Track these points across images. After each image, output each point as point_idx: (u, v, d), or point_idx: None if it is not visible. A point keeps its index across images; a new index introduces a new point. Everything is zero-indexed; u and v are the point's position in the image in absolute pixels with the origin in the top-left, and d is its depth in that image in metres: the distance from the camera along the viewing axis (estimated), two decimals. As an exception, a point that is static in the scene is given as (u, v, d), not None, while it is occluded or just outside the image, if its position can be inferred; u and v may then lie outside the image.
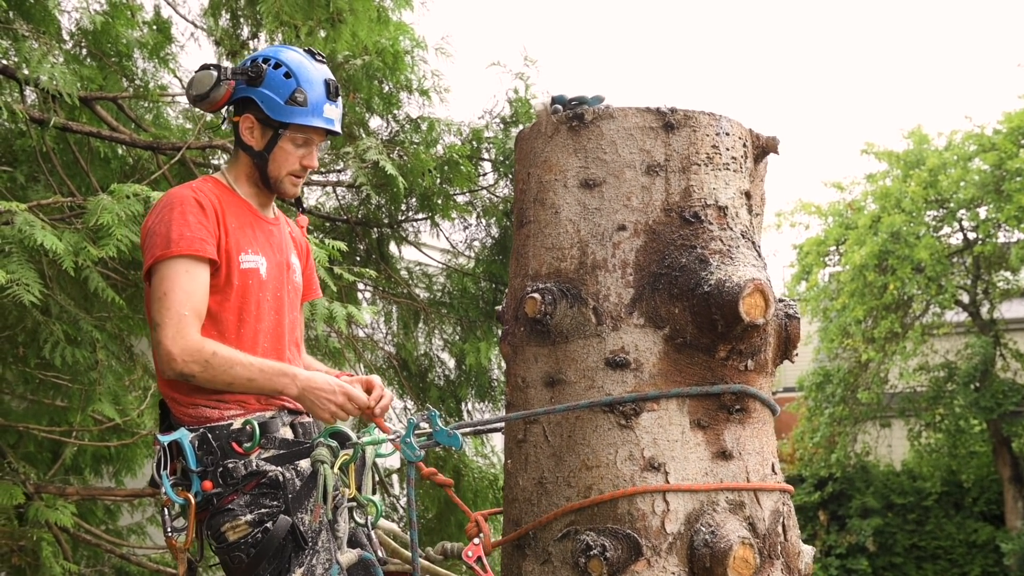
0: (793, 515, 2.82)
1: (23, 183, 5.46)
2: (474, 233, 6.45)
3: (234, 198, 2.99)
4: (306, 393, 2.80)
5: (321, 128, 2.97)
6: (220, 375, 2.76)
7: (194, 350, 2.75)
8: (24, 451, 5.89)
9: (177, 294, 2.77)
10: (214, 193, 2.94)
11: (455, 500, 2.96)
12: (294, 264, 3.13)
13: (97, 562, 6.28)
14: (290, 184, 3.01)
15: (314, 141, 3.00)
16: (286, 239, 3.13)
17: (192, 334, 2.76)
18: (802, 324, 11.73)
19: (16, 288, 4.10)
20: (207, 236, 2.83)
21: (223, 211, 2.90)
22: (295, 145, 2.97)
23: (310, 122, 2.94)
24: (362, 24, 5.54)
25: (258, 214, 3.03)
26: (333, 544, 2.76)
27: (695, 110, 2.72)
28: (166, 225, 2.82)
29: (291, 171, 2.99)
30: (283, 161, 2.98)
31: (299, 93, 2.93)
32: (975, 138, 15.38)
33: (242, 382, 2.78)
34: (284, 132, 2.95)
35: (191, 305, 2.77)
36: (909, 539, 16.75)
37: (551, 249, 2.72)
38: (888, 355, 16.20)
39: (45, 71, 4.74)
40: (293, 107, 2.93)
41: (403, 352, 6.52)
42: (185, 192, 2.89)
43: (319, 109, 2.95)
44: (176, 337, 2.75)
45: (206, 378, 2.77)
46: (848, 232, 16.04)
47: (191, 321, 2.76)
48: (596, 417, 2.62)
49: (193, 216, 2.82)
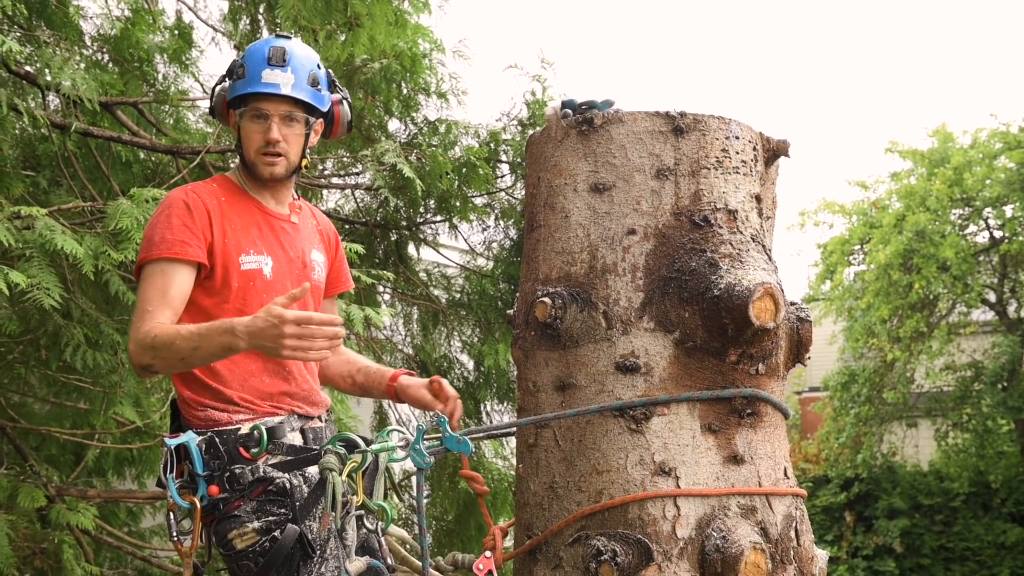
0: (806, 520, 2.80)
1: (45, 188, 5.52)
2: (492, 235, 6.47)
3: (240, 196, 2.97)
4: (254, 340, 2.62)
5: (260, 93, 2.89)
6: (169, 355, 2.69)
7: (140, 340, 2.71)
8: (46, 454, 5.95)
9: (147, 294, 2.77)
10: (215, 193, 2.93)
11: (483, 511, 2.93)
12: (314, 260, 3.09)
13: (119, 564, 6.32)
14: (263, 164, 2.94)
15: (270, 113, 2.91)
16: (307, 234, 3.09)
17: (145, 326, 2.71)
18: (827, 324, 11.68)
19: (37, 292, 4.15)
20: (190, 238, 2.81)
21: (222, 211, 2.89)
22: (253, 121, 2.92)
23: (246, 90, 2.90)
24: (380, 27, 5.56)
25: (268, 211, 3.00)
26: (342, 552, 2.74)
27: (704, 114, 2.71)
28: (152, 228, 2.84)
29: (257, 149, 2.93)
30: (248, 141, 2.94)
31: (240, 68, 2.92)
32: (1000, 136, 15.26)
33: (189, 353, 2.68)
34: (242, 112, 2.93)
35: (159, 300, 2.75)
36: (937, 540, 16.61)
37: (561, 253, 2.72)
38: (914, 354, 16.09)
39: (67, 76, 4.79)
40: (235, 83, 2.94)
41: (422, 354, 6.53)
42: (177, 195, 2.89)
43: (256, 76, 2.90)
44: (132, 334, 2.74)
45: (161, 364, 2.73)
46: (873, 231, 15.94)
47: (153, 314, 2.73)
48: (607, 421, 2.62)
49: (178, 219, 2.82)
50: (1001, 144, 15.20)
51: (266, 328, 2.57)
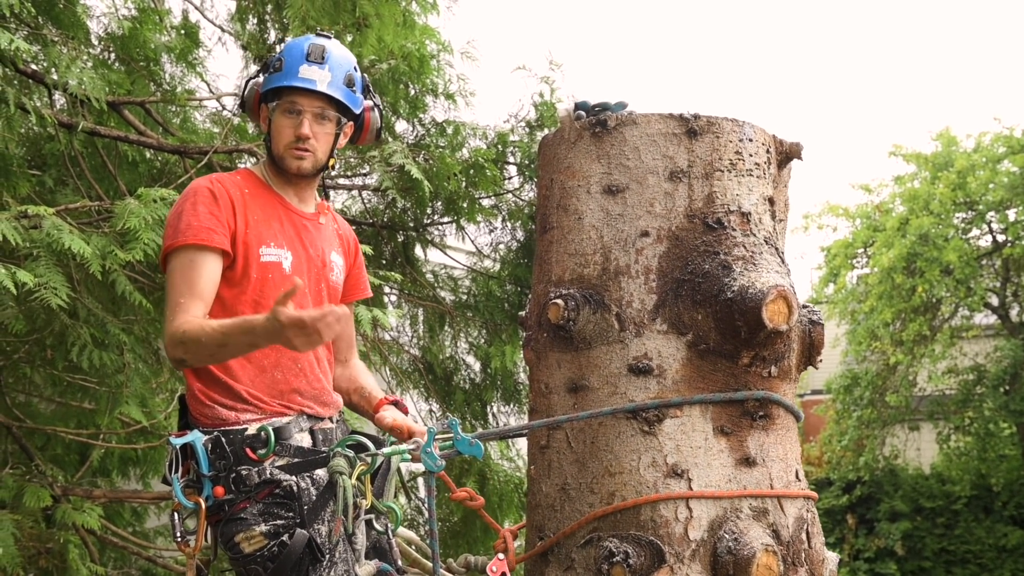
0: (817, 522, 2.80)
1: (52, 187, 5.51)
2: (499, 236, 6.47)
3: (264, 191, 2.97)
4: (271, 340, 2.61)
5: (297, 87, 2.90)
6: (199, 351, 2.69)
7: (172, 335, 2.71)
8: (52, 453, 5.94)
9: (177, 284, 2.77)
10: (239, 185, 2.92)
11: (485, 518, 2.92)
12: (334, 262, 3.08)
13: (124, 564, 6.31)
14: (292, 158, 2.94)
15: (303, 108, 2.92)
16: (328, 235, 3.09)
17: (177, 321, 2.71)
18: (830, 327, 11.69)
19: (44, 292, 4.14)
20: (216, 225, 2.81)
21: (245, 202, 2.88)
22: (286, 116, 2.92)
23: (283, 83, 2.90)
24: (388, 28, 5.56)
25: (291, 207, 3.00)
26: (351, 555, 2.72)
27: (718, 116, 2.71)
28: (177, 216, 2.83)
29: (287, 143, 2.93)
30: (278, 135, 2.94)
31: (277, 61, 2.92)
32: (1004, 140, 15.28)
33: (217, 350, 2.69)
34: (275, 106, 2.93)
35: (189, 291, 2.74)
36: (938, 543, 16.60)
37: (574, 255, 2.72)
38: (917, 358, 16.09)
39: (74, 76, 4.78)
40: (271, 76, 2.93)
41: (428, 355, 6.53)
42: (202, 183, 2.89)
43: (294, 71, 2.90)
44: (166, 328, 2.74)
45: (193, 358, 2.73)
46: (876, 234, 15.95)
47: (185, 307, 2.73)
48: (619, 423, 2.61)
49: (204, 206, 2.82)
50: (1005, 148, 15.21)
51: (276, 331, 2.57)
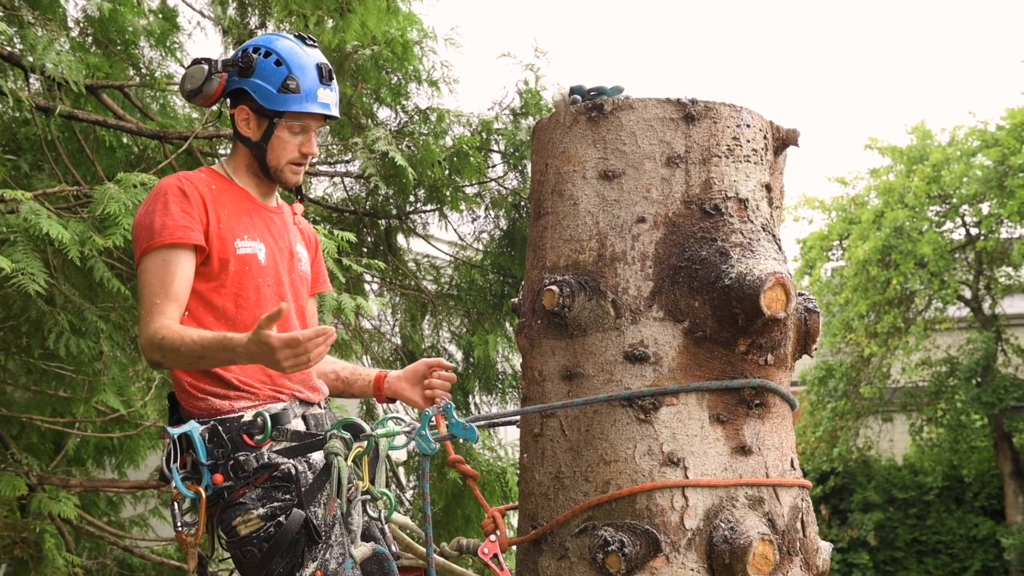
0: (811, 511, 2.78)
1: (27, 171, 5.41)
2: (482, 225, 6.42)
3: (230, 187, 2.96)
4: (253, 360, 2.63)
5: (318, 114, 2.93)
6: (176, 358, 2.71)
7: (149, 338, 2.72)
8: (27, 442, 5.84)
9: (152, 285, 2.76)
10: (206, 182, 2.91)
11: (476, 494, 2.91)
12: (300, 253, 3.09)
13: (99, 554, 6.23)
14: (291, 172, 2.98)
15: (311, 127, 2.96)
16: (290, 228, 3.10)
17: (154, 323, 2.72)
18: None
19: (21, 277, 4.06)
20: (190, 222, 2.80)
21: (215, 198, 2.87)
22: (292, 133, 2.93)
23: (305, 108, 2.90)
24: (371, 14, 5.50)
25: (257, 202, 3.00)
26: (347, 538, 2.72)
27: (715, 101, 2.68)
28: (150, 216, 2.81)
29: (290, 160, 2.95)
30: (281, 150, 2.94)
31: (291, 80, 2.89)
32: (978, 134, 15.40)
33: (195, 360, 2.70)
34: (280, 121, 2.91)
35: (164, 293, 2.75)
36: (910, 533, 16.76)
37: (569, 241, 2.69)
38: (890, 350, 16.22)
39: (51, 58, 4.69)
40: (286, 95, 2.89)
41: (410, 344, 6.47)
42: (171, 181, 2.87)
43: (313, 95, 2.90)
44: (142, 329, 2.74)
45: (170, 363, 2.75)
46: (851, 227, 16.05)
47: (161, 309, 2.73)
48: (614, 411, 2.59)
49: (176, 205, 2.80)
50: (979, 142, 15.34)
51: (260, 354, 2.57)
